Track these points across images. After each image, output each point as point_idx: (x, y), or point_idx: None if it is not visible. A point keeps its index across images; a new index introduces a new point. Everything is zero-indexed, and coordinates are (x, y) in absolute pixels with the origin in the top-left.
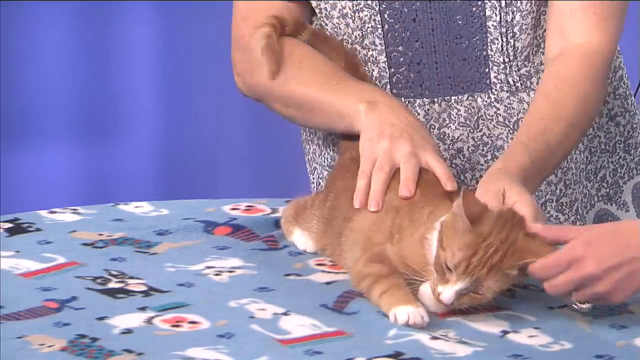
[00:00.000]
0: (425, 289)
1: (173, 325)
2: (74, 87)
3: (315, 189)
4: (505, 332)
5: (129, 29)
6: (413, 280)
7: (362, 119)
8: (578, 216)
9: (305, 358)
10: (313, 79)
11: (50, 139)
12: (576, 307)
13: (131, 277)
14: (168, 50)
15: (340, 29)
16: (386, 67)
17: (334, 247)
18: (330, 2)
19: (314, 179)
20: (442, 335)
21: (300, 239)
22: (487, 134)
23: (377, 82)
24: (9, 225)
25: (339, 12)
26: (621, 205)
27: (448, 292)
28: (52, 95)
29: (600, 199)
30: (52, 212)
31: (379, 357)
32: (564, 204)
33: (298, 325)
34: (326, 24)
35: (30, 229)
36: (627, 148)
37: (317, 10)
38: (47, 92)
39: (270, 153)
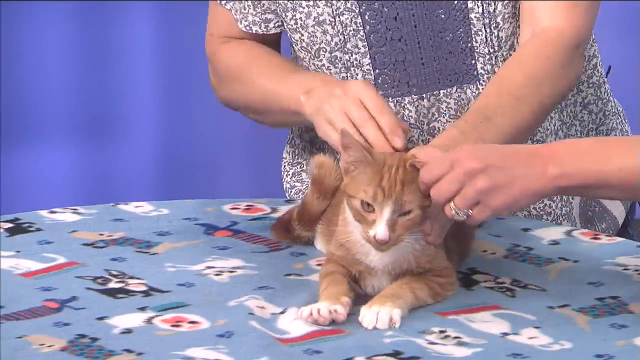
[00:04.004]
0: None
1: (173, 325)
2: (74, 87)
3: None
4: (505, 332)
5: (129, 29)
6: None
7: (305, 108)
8: (563, 202)
9: (305, 357)
10: (261, 80)
11: (50, 139)
12: (454, 212)
13: (131, 277)
14: (168, 50)
15: (316, 37)
16: (371, 69)
17: (328, 241)
18: (305, 11)
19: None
20: (441, 338)
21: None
22: None
23: None
24: (9, 225)
25: (314, 20)
26: None
27: (380, 227)
28: (52, 95)
29: None
30: (52, 212)
31: (378, 355)
32: None
33: (295, 319)
34: (302, 35)
35: (30, 229)
36: (597, 135)
37: (291, 23)
38: (47, 92)
39: (270, 153)
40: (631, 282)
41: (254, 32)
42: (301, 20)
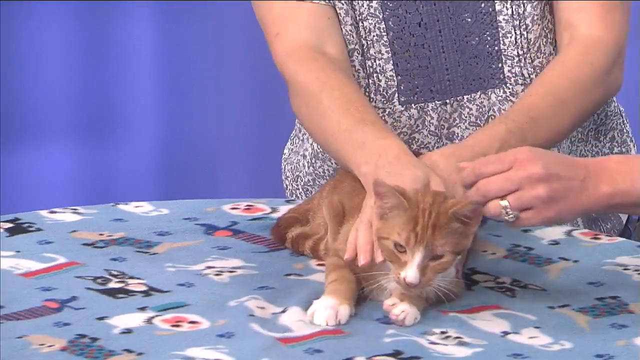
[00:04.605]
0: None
1: (173, 325)
2: (74, 87)
3: (294, 195)
4: (505, 332)
5: (129, 29)
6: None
7: (365, 181)
8: None
9: (306, 357)
10: (328, 118)
11: (50, 138)
12: (505, 212)
13: (131, 277)
14: (168, 50)
15: (353, 37)
16: (394, 75)
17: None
18: (344, 8)
19: (297, 185)
20: (442, 337)
21: None
22: None
23: (384, 93)
24: (9, 225)
25: (352, 19)
26: None
27: (410, 271)
28: (52, 95)
29: None
30: (52, 212)
31: (378, 355)
32: None
33: (297, 320)
34: (341, 29)
35: (30, 229)
36: (597, 135)
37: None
38: (47, 92)
39: (270, 153)
40: (631, 282)
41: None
42: (340, 16)
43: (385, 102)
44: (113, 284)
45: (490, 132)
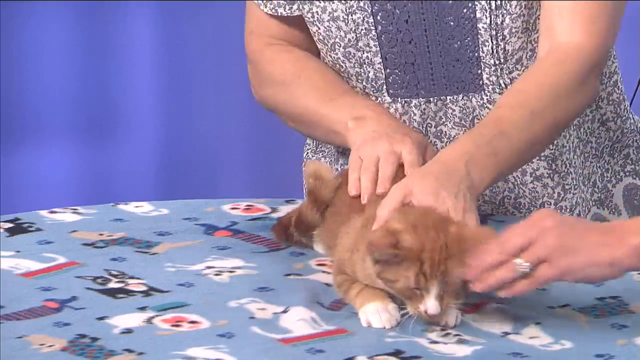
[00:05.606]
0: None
1: (173, 325)
2: (74, 87)
3: None
4: (506, 332)
5: (129, 29)
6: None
7: (351, 135)
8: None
9: (307, 357)
10: (309, 95)
11: (50, 138)
12: (519, 267)
13: (131, 277)
14: (168, 50)
15: (331, 32)
16: (382, 68)
17: (328, 245)
18: (321, 5)
19: None
20: (442, 335)
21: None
22: None
23: (373, 83)
24: (10, 225)
25: (329, 16)
26: (613, 209)
27: (430, 302)
28: (52, 95)
29: (594, 203)
30: (52, 212)
31: (380, 355)
32: (563, 207)
33: (298, 319)
34: (318, 28)
35: (30, 229)
36: (611, 152)
37: (308, 15)
38: (47, 92)
39: (270, 153)
40: (631, 282)
41: (279, 14)
42: (317, 15)
43: (375, 91)
44: (113, 284)
45: (459, 148)
